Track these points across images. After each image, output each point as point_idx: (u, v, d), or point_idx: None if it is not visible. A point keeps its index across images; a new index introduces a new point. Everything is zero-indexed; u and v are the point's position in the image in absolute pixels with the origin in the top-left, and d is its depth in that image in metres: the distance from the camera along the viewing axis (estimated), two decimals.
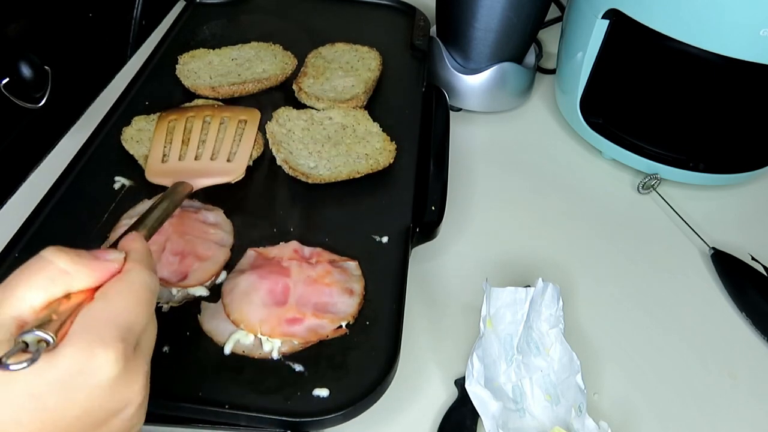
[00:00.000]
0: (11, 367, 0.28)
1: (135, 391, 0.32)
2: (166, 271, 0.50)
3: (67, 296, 0.32)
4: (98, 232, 0.54)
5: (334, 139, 0.64)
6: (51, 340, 0.29)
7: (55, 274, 0.32)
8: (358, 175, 0.60)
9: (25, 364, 0.28)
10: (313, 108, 0.68)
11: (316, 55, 0.76)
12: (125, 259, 0.35)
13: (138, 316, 0.33)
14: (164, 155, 0.56)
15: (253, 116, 0.60)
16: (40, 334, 0.29)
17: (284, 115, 0.65)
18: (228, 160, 0.56)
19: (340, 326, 0.49)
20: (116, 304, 0.32)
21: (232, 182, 0.55)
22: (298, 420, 0.43)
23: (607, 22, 0.65)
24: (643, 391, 0.53)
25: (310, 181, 0.60)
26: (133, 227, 0.41)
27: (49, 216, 0.55)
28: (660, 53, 0.64)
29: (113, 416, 0.31)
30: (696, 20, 0.57)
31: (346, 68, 0.74)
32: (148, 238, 0.41)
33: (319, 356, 0.47)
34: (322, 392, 0.45)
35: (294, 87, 0.70)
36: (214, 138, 0.58)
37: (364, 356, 0.47)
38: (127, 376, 0.31)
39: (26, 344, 0.29)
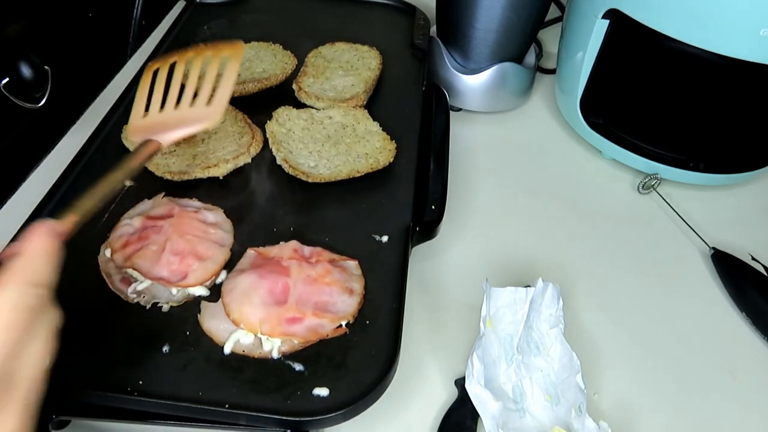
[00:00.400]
0: None
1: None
2: (166, 270, 0.50)
3: None
4: (99, 232, 0.53)
5: (334, 138, 0.64)
6: None
7: None
8: (358, 174, 0.60)
9: None
10: (313, 107, 0.68)
11: (316, 54, 0.76)
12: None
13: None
14: (146, 109, 0.52)
15: (236, 50, 0.55)
16: None
17: (284, 114, 0.65)
18: (208, 105, 0.51)
19: (340, 326, 0.49)
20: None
21: (209, 129, 0.50)
22: (298, 419, 0.43)
23: (607, 22, 0.65)
24: (644, 390, 0.53)
25: (310, 180, 0.59)
26: (69, 208, 0.39)
27: (50, 216, 0.54)
28: (660, 53, 0.64)
29: None
30: (696, 20, 0.57)
31: (346, 67, 0.74)
32: (81, 220, 0.39)
33: (319, 356, 0.47)
34: (322, 391, 0.44)
35: (294, 86, 0.70)
36: (195, 83, 0.52)
37: (364, 356, 0.47)
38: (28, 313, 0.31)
39: None
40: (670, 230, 0.68)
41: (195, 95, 0.52)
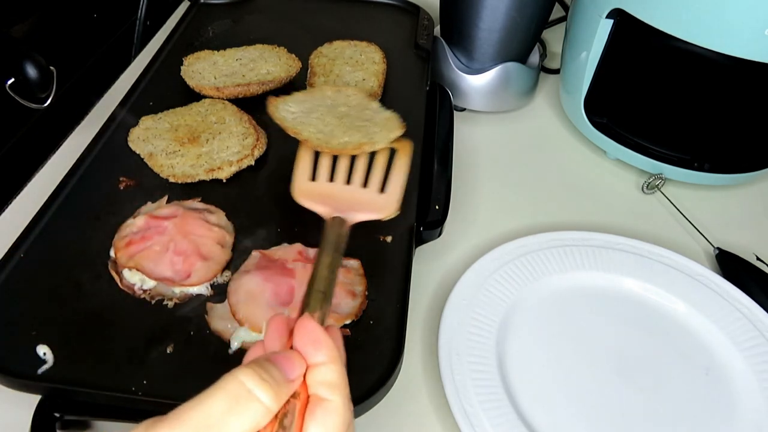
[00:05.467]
0: None
1: None
2: (169, 270, 0.50)
3: (281, 426, 0.30)
4: (103, 233, 0.54)
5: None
6: None
7: (259, 411, 0.29)
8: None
9: None
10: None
11: (318, 54, 0.77)
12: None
13: None
14: (313, 173, 0.51)
15: (405, 146, 0.54)
16: None
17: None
18: (381, 192, 0.50)
19: (344, 326, 0.49)
20: None
21: (384, 219, 0.49)
22: None
23: (611, 21, 0.65)
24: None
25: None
26: (304, 306, 0.37)
27: (54, 216, 0.55)
28: (664, 53, 0.64)
29: None
30: (700, 20, 0.57)
31: (351, 63, 0.75)
32: (323, 318, 0.37)
33: None
34: None
35: (308, 88, 0.71)
36: (365, 161, 0.51)
37: (367, 356, 0.47)
38: None
39: None
40: (674, 230, 0.67)
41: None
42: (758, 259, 0.63)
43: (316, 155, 0.52)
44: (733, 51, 0.57)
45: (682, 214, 0.68)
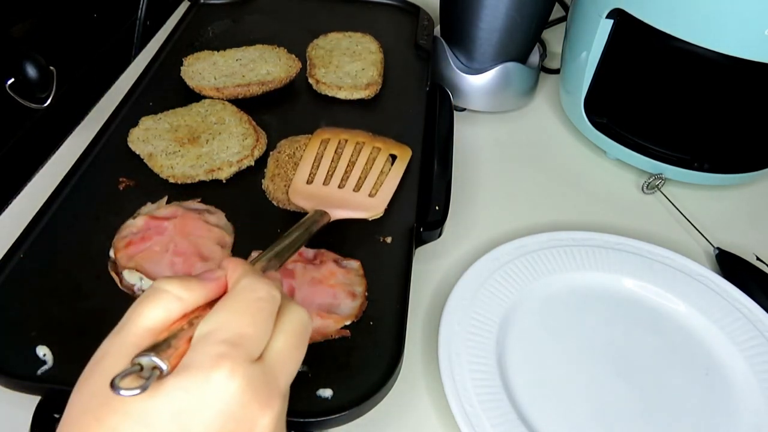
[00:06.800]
0: (122, 392, 0.27)
1: (260, 410, 0.29)
2: (169, 271, 0.50)
3: (190, 323, 0.31)
4: (103, 234, 0.54)
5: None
6: (164, 367, 0.28)
7: (169, 299, 0.31)
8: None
9: (137, 391, 0.27)
10: (335, 97, 0.71)
11: (314, 47, 0.78)
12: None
13: (249, 326, 0.30)
14: (310, 176, 0.57)
15: (405, 153, 0.62)
16: (155, 360, 0.28)
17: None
18: (370, 195, 0.57)
19: (345, 326, 0.49)
20: (222, 319, 0.30)
21: (369, 219, 0.56)
22: (302, 420, 0.43)
23: (611, 21, 0.65)
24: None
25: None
26: (261, 256, 0.40)
27: (54, 216, 0.55)
28: (664, 53, 0.64)
29: None
30: (700, 20, 0.57)
31: (349, 53, 0.76)
32: (277, 265, 0.40)
33: (323, 356, 0.47)
34: (326, 392, 0.45)
35: (311, 81, 0.72)
36: (361, 168, 0.59)
37: (367, 356, 0.47)
38: (248, 395, 0.29)
39: (141, 367, 0.28)
40: (674, 230, 0.67)
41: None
42: (758, 259, 0.63)
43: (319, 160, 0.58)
44: (733, 51, 0.57)
45: (682, 214, 0.68)
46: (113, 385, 0.27)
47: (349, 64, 0.74)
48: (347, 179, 0.57)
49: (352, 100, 0.71)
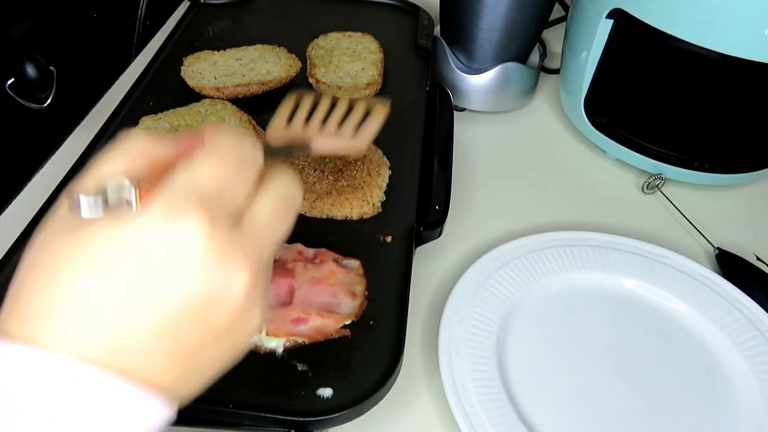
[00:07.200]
0: (83, 212, 0.25)
1: (235, 269, 0.26)
2: None
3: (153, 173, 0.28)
4: None
5: None
6: (133, 200, 0.25)
7: (136, 148, 0.28)
8: None
9: (100, 214, 0.25)
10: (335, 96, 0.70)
11: (314, 46, 0.78)
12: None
13: (231, 179, 0.28)
14: (289, 119, 0.52)
15: (385, 106, 0.57)
16: (125, 184, 0.26)
17: None
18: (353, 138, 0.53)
19: (345, 326, 0.49)
20: (202, 167, 0.27)
21: (352, 155, 0.58)
22: (302, 420, 0.43)
23: (611, 21, 0.65)
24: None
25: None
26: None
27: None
28: (664, 53, 0.64)
29: (209, 305, 0.26)
30: (700, 20, 0.57)
31: (349, 53, 0.76)
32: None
33: (323, 356, 0.47)
34: (326, 392, 0.45)
35: (311, 81, 0.73)
36: (341, 114, 0.54)
37: (367, 356, 0.47)
38: (224, 249, 0.26)
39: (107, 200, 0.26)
40: (674, 230, 0.67)
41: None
42: (758, 259, 0.63)
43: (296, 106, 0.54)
44: (733, 51, 0.57)
45: (682, 214, 0.68)
46: (75, 204, 0.25)
47: (349, 63, 0.74)
48: (327, 123, 0.53)
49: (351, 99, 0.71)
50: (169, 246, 0.25)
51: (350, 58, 0.75)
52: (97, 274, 0.25)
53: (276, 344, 0.47)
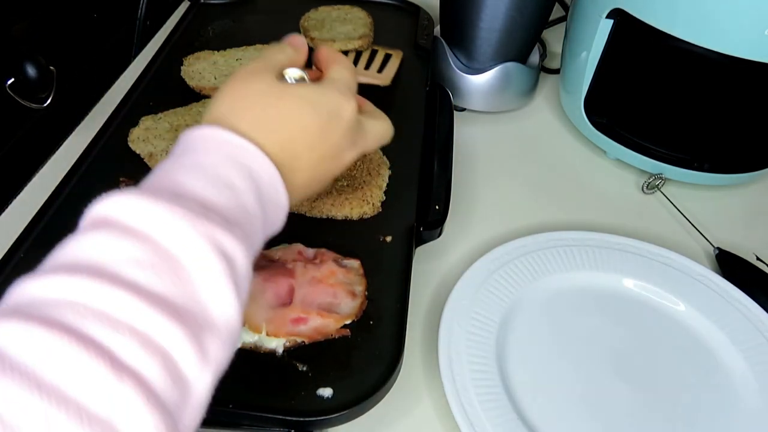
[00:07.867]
0: (290, 79, 0.43)
1: (359, 142, 0.44)
2: None
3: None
4: None
5: None
6: (307, 79, 0.43)
7: (289, 50, 0.45)
8: None
9: (300, 80, 0.43)
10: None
11: (306, 18, 0.81)
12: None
13: (355, 84, 0.45)
14: None
15: (399, 54, 0.76)
16: (302, 73, 0.43)
17: None
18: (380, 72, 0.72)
19: (345, 326, 0.49)
20: (341, 76, 0.44)
21: (381, 86, 0.70)
22: (302, 419, 0.43)
23: (611, 21, 0.65)
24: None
25: None
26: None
27: (55, 216, 0.55)
28: (664, 53, 0.64)
29: (343, 151, 0.43)
30: (700, 20, 0.57)
31: (340, 20, 0.81)
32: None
33: (323, 356, 0.47)
34: (326, 392, 0.45)
35: (307, 42, 0.74)
36: (367, 57, 0.74)
37: (367, 356, 0.47)
38: (355, 128, 0.43)
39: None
40: (674, 230, 0.67)
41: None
42: (758, 259, 0.63)
43: None
44: (733, 51, 0.57)
45: (682, 214, 0.68)
46: (284, 76, 0.43)
47: (340, 26, 0.79)
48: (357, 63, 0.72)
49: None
50: (338, 106, 0.42)
51: (341, 24, 0.80)
52: (294, 105, 0.40)
53: (276, 344, 0.47)
